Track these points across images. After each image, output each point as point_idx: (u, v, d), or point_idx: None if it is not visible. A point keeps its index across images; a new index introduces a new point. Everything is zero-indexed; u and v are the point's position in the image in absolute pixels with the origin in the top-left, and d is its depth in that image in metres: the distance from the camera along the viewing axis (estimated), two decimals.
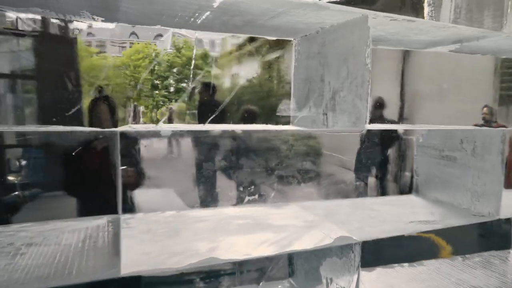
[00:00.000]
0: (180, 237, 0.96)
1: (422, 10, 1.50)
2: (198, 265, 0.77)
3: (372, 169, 2.41)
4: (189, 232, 1.01)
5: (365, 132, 2.27)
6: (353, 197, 2.66)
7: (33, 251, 0.83)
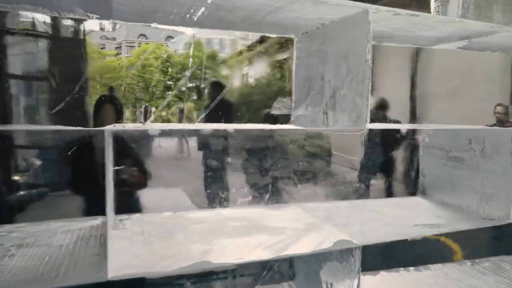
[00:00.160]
0: (174, 239, 0.93)
1: (429, 6, 1.45)
2: (189, 269, 0.75)
3: (378, 170, 2.35)
4: (183, 234, 0.98)
5: (366, 131, 2.21)
6: (359, 198, 2.61)
7: (22, 253, 0.82)
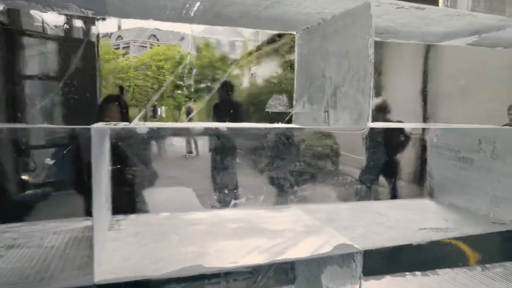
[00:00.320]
0: (168, 241, 0.90)
1: (437, 0, 1.39)
2: (179, 273, 0.72)
3: (381, 171, 2.29)
4: (179, 236, 0.95)
5: (367, 130, 2.16)
6: (366, 199, 2.55)
7: (12, 254, 0.80)
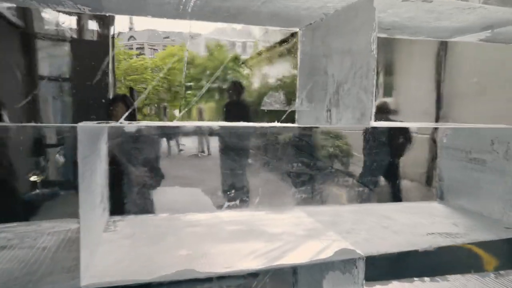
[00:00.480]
0: (163, 244, 0.88)
1: None
2: (170, 277, 0.69)
3: (386, 171, 2.22)
4: (175, 238, 0.93)
5: (370, 129, 2.10)
6: (370, 202, 2.47)
7: (3, 255, 0.78)
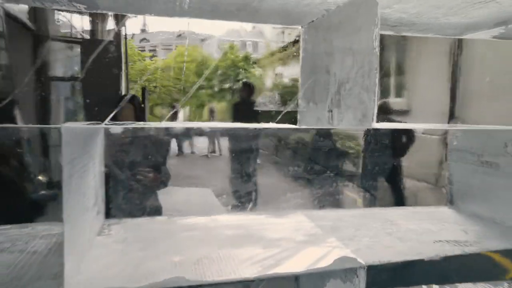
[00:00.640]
0: (156, 249, 0.85)
1: None
2: (158, 286, 0.66)
3: (389, 174, 2.15)
4: (169, 242, 0.90)
5: (372, 131, 2.03)
6: (385, 205, 2.41)
7: None
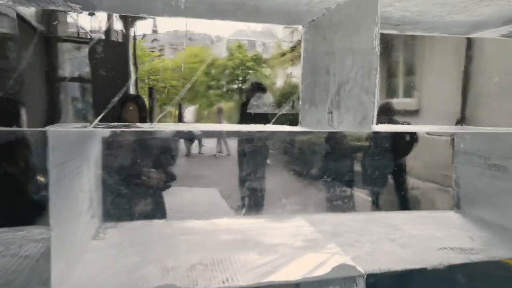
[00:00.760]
0: (150, 254, 0.83)
1: None
2: None
3: (399, 176, 2.10)
4: (164, 247, 0.88)
5: (371, 133, 1.99)
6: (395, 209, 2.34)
7: None
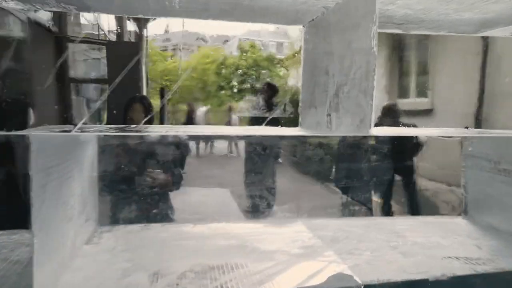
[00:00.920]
0: (142, 260, 0.81)
1: None
2: None
3: (388, 186, 2.03)
4: (158, 253, 0.86)
5: (370, 137, 1.93)
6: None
7: None
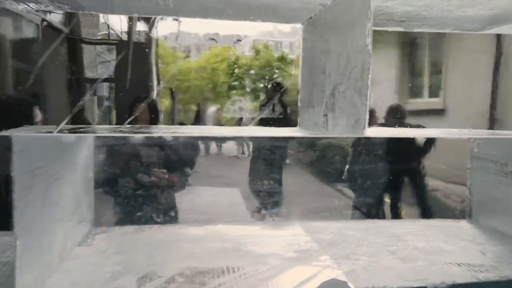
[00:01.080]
0: (133, 262, 0.80)
1: None
2: None
3: (388, 189, 1.97)
4: (150, 255, 0.84)
5: (364, 138, 1.89)
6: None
7: None
